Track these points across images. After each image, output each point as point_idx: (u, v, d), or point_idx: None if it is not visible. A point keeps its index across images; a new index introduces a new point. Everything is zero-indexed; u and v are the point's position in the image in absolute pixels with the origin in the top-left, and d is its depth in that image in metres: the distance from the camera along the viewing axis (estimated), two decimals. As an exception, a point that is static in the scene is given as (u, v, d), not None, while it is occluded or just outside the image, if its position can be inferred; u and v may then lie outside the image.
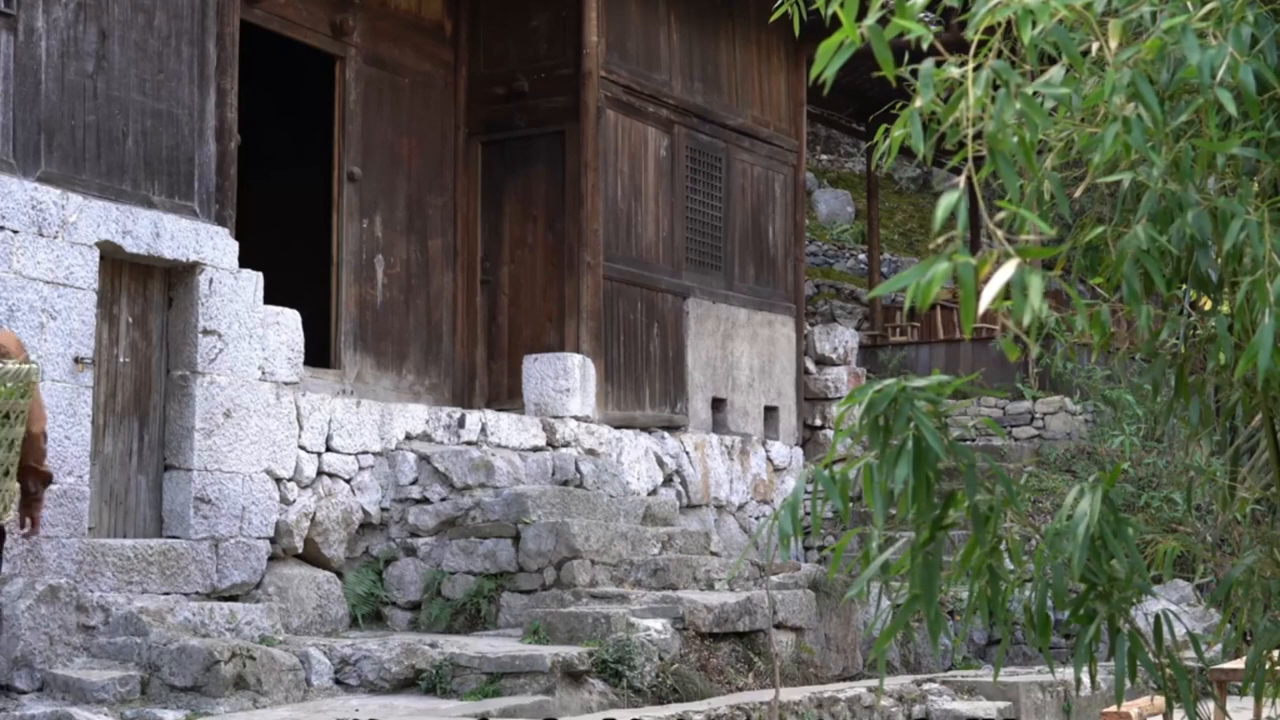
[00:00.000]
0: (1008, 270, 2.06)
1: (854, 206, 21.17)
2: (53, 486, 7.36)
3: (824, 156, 20.55)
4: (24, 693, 6.93)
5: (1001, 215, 2.20)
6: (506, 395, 11.10)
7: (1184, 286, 3.08)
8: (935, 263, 2.07)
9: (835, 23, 2.48)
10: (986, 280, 2.09)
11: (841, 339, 13.74)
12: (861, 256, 19.52)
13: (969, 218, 2.41)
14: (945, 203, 2.09)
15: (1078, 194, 2.81)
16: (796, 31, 3.03)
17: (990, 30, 2.45)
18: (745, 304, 12.68)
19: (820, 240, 19.73)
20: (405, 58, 10.94)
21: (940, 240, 2.13)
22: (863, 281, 18.47)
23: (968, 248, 2.17)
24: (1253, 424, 3.55)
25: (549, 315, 11.07)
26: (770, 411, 12.93)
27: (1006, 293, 2.12)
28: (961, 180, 2.21)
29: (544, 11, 11.24)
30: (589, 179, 10.96)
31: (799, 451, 13.13)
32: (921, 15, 2.94)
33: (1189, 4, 2.51)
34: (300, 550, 8.68)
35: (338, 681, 7.54)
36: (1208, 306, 3.19)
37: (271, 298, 8.76)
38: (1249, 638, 3.45)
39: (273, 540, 8.48)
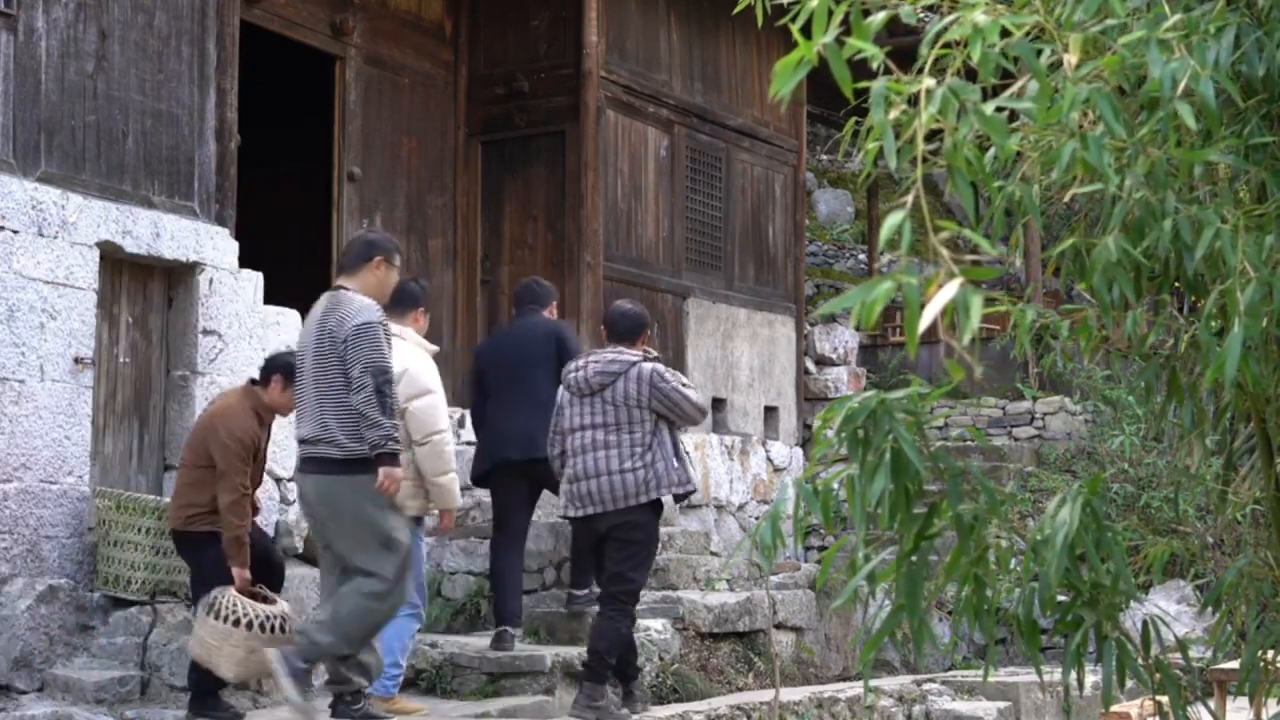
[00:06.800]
0: (950, 290, 2.08)
1: (854, 206, 21.16)
2: (52, 486, 7.38)
3: (824, 156, 20.52)
4: (24, 693, 6.95)
5: (945, 235, 2.21)
6: (507, 395, 11.08)
7: (1176, 284, 3.09)
8: (880, 282, 2.10)
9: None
10: (930, 299, 2.12)
11: (841, 339, 13.73)
12: (861, 256, 19.52)
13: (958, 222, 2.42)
14: (890, 223, 2.11)
15: (1067, 197, 2.82)
16: (760, 23, 3.04)
17: (949, 45, 2.47)
18: (745, 304, 12.68)
19: (820, 240, 19.71)
20: (405, 58, 10.94)
21: (888, 258, 2.17)
22: (863, 281, 18.45)
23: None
24: (1252, 425, 3.55)
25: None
26: (770, 411, 12.93)
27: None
28: (909, 199, 2.22)
29: (544, 11, 11.24)
30: (589, 179, 10.96)
31: (799, 451, 13.13)
32: (921, 18, 2.94)
33: (1168, 10, 2.52)
34: (300, 550, 8.68)
35: (337, 681, 7.52)
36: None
37: (271, 298, 8.76)
38: (1245, 638, 3.47)
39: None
